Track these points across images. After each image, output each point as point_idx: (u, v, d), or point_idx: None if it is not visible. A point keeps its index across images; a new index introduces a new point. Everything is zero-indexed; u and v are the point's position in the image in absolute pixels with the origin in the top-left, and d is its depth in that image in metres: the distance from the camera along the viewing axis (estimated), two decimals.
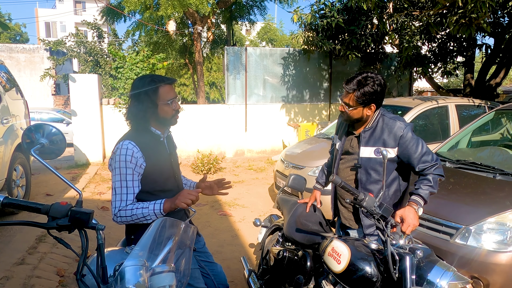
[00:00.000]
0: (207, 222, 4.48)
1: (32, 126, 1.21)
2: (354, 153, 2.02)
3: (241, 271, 3.15)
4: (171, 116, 1.73)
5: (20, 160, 4.61)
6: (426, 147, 1.89)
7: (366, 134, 1.95)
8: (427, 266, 1.43)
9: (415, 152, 1.86)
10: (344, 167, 2.10)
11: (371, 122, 1.96)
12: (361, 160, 1.96)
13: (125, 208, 1.59)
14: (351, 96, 1.86)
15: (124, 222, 1.62)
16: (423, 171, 1.87)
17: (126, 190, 1.61)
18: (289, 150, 5.24)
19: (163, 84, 1.70)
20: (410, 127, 1.92)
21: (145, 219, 1.60)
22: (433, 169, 1.86)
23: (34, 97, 17.19)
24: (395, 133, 1.89)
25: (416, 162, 1.87)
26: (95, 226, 1.04)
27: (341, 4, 7.52)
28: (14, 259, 3.13)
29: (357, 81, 1.84)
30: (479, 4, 4.36)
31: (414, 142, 1.87)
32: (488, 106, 5.11)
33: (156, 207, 1.59)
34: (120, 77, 7.07)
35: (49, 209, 1.03)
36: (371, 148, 1.94)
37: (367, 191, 1.93)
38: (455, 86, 20.32)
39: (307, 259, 2.10)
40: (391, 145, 1.89)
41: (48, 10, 33.59)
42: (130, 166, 1.61)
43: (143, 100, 1.67)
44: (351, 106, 1.88)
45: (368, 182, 1.97)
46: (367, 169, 1.95)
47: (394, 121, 1.92)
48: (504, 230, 2.36)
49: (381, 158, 1.84)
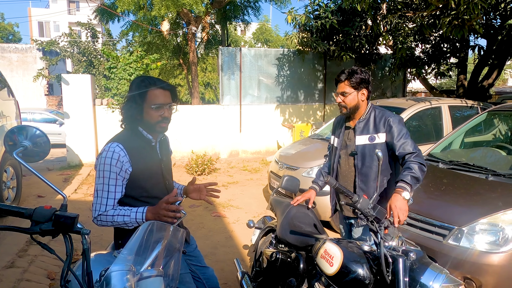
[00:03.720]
0: (201, 223, 4.45)
1: (15, 128, 1.18)
2: (351, 144, 2.21)
3: (234, 273, 3.13)
4: (155, 121, 1.63)
5: (11, 161, 4.55)
6: (408, 136, 2.06)
7: (360, 124, 2.16)
8: (420, 268, 1.42)
9: (397, 137, 2.04)
10: (344, 158, 2.25)
11: (364, 114, 2.17)
12: (357, 148, 2.15)
13: (105, 213, 1.54)
14: (345, 83, 2.09)
15: (104, 226, 1.58)
16: (404, 158, 2.01)
17: (107, 195, 1.56)
18: (284, 151, 5.23)
19: (154, 87, 1.63)
20: (399, 117, 2.13)
21: (125, 225, 1.56)
22: (412, 157, 1.98)
23: (26, 98, 17.00)
24: (385, 118, 2.11)
25: (397, 147, 2.03)
26: (80, 230, 1.01)
27: (335, 5, 7.54)
28: (3, 262, 3.08)
29: (348, 71, 2.11)
30: (471, 5, 4.39)
31: (399, 129, 2.06)
32: (480, 107, 5.14)
33: (138, 216, 1.53)
34: (113, 77, 7.02)
35: (32, 213, 1.00)
36: (365, 136, 2.14)
37: (363, 176, 2.14)
38: (448, 87, 20.49)
39: (300, 261, 2.08)
40: (382, 130, 2.10)
41: (42, 10, 33.30)
42: (114, 170, 1.56)
43: (132, 99, 1.64)
44: (346, 93, 2.09)
45: (364, 167, 2.14)
46: (363, 155, 2.14)
47: (385, 112, 2.16)
48: (496, 231, 2.37)
49: (375, 145, 2.08)
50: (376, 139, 2.09)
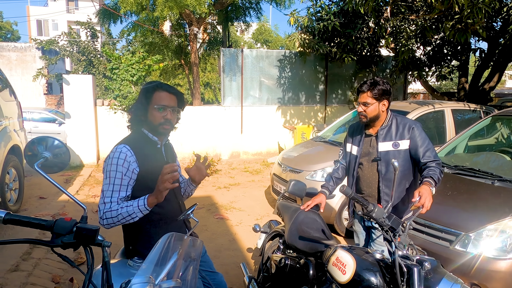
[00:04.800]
0: (204, 226, 4.45)
1: (35, 139, 1.17)
2: (373, 151, 2.26)
3: (239, 277, 3.13)
4: (158, 123, 1.66)
5: (13, 163, 4.53)
6: (431, 144, 2.16)
7: (383, 131, 2.22)
8: (434, 278, 1.42)
9: (421, 145, 2.13)
10: (367, 165, 2.30)
11: (385, 122, 2.23)
12: (380, 154, 2.20)
13: (110, 209, 1.53)
14: (367, 94, 2.15)
15: (111, 225, 1.55)
16: (426, 164, 2.09)
17: (111, 194, 1.56)
18: (286, 153, 5.23)
19: (161, 89, 1.68)
20: (420, 124, 2.24)
21: (131, 218, 1.54)
22: (435, 163, 2.08)
23: (25, 97, 16.89)
24: (408, 126, 2.19)
25: (422, 155, 2.12)
26: (101, 242, 1.01)
27: (338, 7, 7.54)
28: (8, 265, 3.06)
29: (370, 82, 2.16)
30: (475, 9, 4.40)
31: (423, 136, 2.16)
32: (483, 110, 5.15)
33: (140, 203, 1.53)
34: (115, 78, 6.99)
35: (53, 225, 1.00)
36: (389, 143, 2.20)
37: (387, 181, 2.20)
38: (447, 88, 20.55)
39: (309, 268, 2.08)
40: (405, 136, 2.17)
41: (40, 8, 33.16)
42: (120, 169, 1.57)
43: (139, 100, 1.71)
44: (368, 104, 2.15)
45: (388, 173, 2.19)
46: (387, 161, 2.19)
47: (407, 119, 2.25)
48: (504, 237, 2.37)
49: (399, 151, 2.16)
50: (400, 145, 2.17)
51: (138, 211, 1.53)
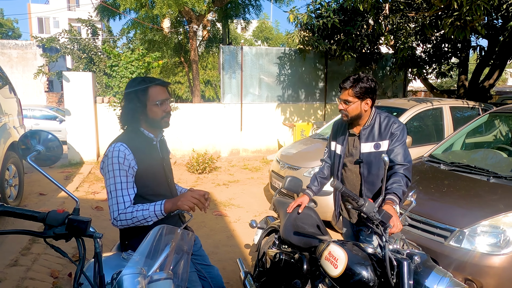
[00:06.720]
0: (202, 222, 4.47)
1: (28, 132, 1.19)
2: (356, 151, 2.17)
3: (236, 273, 3.15)
4: (161, 117, 1.68)
5: (13, 159, 4.56)
6: (405, 147, 2.07)
7: (365, 131, 2.12)
8: (424, 271, 1.44)
9: (394, 143, 2.05)
10: (350, 166, 2.22)
11: (368, 120, 2.12)
12: (362, 156, 2.12)
13: (124, 211, 1.55)
14: (349, 91, 2.04)
15: (125, 226, 1.57)
16: (393, 168, 2.01)
17: (122, 193, 1.57)
18: (285, 150, 5.24)
19: (154, 84, 1.68)
20: (403, 126, 2.12)
21: (145, 221, 1.57)
22: (402, 169, 1.99)
23: (26, 94, 16.96)
24: (390, 126, 2.08)
25: (391, 153, 2.03)
26: (92, 234, 1.03)
27: (337, 5, 7.54)
28: (7, 260, 3.09)
29: (353, 78, 2.04)
30: (474, 6, 4.39)
31: (399, 138, 2.05)
32: (482, 108, 5.15)
33: (157, 208, 1.55)
34: (115, 75, 7.01)
35: (45, 217, 1.02)
36: (370, 144, 2.10)
37: (369, 184, 2.12)
38: (447, 86, 20.50)
39: (303, 262, 2.10)
40: (386, 137, 2.08)
41: (41, 6, 33.15)
42: (123, 168, 1.58)
43: (133, 100, 1.67)
44: (349, 102, 2.04)
45: (370, 175, 2.12)
46: (368, 163, 2.11)
47: (390, 118, 2.13)
48: (498, 233, 2.39)
49: (380, 152, 2.06)
50: (381, 146, 2.07)
51: (154, 215, 1.55)
